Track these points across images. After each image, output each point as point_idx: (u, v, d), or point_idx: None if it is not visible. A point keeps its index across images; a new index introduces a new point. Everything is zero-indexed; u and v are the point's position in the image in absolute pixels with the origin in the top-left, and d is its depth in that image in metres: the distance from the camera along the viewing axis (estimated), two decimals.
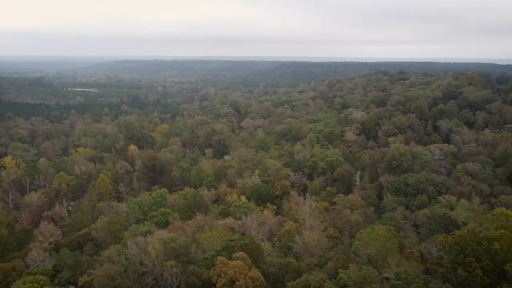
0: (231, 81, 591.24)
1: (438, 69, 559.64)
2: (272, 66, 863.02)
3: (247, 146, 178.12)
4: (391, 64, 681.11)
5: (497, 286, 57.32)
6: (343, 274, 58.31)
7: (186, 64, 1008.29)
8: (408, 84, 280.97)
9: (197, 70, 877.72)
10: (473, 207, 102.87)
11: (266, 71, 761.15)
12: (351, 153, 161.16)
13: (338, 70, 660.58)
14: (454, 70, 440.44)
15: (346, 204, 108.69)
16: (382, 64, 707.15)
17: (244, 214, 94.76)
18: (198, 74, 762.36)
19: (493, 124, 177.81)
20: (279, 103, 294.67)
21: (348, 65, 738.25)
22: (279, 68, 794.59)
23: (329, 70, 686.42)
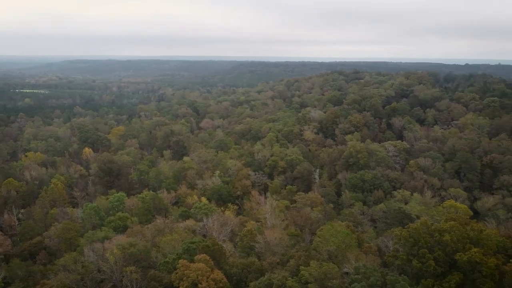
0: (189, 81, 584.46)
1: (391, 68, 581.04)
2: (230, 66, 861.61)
3: (207, 146, 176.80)
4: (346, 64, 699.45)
5: (448, 275, 60.31)
6: (305, 271, 59.21)
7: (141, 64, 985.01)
8: (362, 84, 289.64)
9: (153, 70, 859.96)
10: (426, 201, 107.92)
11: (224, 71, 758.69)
12: (310, 151, 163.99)
13: (295, 70, 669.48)
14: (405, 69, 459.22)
15: (306, 202, 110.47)
16: (338, 64, 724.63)
17: (205, 216, 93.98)
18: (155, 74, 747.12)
19: (442, 121, 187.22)
20: (238, 103, 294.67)
21: (305, 65, 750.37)
22: (237, 68, 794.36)
23: (287, 70, 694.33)
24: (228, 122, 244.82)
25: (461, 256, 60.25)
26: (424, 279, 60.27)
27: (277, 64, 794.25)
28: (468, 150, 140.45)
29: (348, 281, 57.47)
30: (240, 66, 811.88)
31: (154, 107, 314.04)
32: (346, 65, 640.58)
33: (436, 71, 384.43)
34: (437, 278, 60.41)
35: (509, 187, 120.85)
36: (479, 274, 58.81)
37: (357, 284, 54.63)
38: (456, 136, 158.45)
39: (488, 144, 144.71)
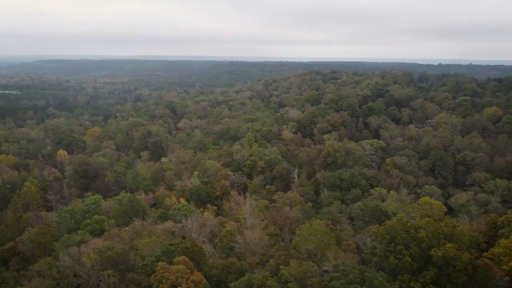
0: (166, 81, 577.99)
1: (367, 68, 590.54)
2: (208, 66, 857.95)
3: (185, 147, 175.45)
4: (323, 64, 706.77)
5: (424, 271, 61.73)
6: (285, 270, 59.47)
7: (117, 64, 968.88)
8: (339, 83, 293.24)
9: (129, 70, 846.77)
10: (402, 198, 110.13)
11: (202, 71, 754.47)
12: (289, 151, 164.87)
13: (273, 70, 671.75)
14: (381, 69, 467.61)
15: (285, 201, 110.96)
16: (315, 64, 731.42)
17: (184, 217, 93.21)
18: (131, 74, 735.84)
19: (416, 120, 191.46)
20: (216, 103, 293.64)
21: (283, 65, 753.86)
22: (215, 68, 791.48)
23: (265, 69, 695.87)
24: (207, 122, 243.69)
25: (436, 251, 61.80)
26: (401, 275, 61.50)
27: (255, 64, 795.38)
28: (441, 148, 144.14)
29: (327, 279, 58.06)
30: (218, 66, 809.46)
31: (131, 108, 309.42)
32: (323, 65, 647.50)
33: (411, 71, 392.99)
34: (414, 273, 61.75)
35: (481, 184, 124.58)
36: (453, 268, 60.44)
37: (336, 281, 55.25)
38: (430, 134, 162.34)
39: (461, 142, 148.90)
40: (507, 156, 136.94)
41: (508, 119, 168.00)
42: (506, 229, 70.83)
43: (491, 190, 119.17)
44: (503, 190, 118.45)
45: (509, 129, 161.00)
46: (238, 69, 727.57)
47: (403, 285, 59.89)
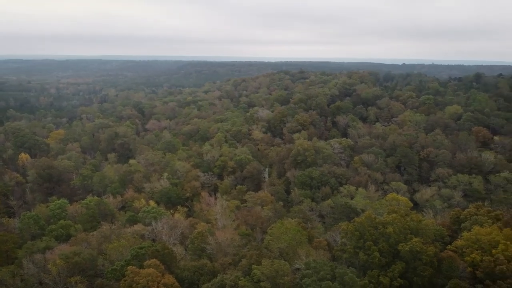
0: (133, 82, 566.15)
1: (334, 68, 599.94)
2: (176, 65, 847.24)
3: (154, 148, 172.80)
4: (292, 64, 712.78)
5: (392, 265, 63.38)
6: (257, 270, 59.56)
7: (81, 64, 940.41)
8: (308, 83, 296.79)
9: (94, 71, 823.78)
10: (370, 195, 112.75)
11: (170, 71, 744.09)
12: (259, 150, 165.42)
13: (242, 70, 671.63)
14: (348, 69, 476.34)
15: (256, 201, 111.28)
16: (283, 64, 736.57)
17: (154, 219, 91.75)
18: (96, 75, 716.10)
19: (382, 118, 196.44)
20: (185, 103, 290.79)
21: (252, 65, 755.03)
22: (183, 67, 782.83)
23: (234, 69, 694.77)
24: (175, 123, 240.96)
25: (403, 246, 63.57)
26: (370, 270, 62.85)
27: (224, 64, 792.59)
28: (407, 145, 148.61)
29: (299, 277, 58.57)
30: (186, 66, 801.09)
31: (97, 109, 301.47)
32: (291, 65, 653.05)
33: (376, 71, 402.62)
34: (382, 268, 63.25)
35: (444, 179, 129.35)
36: (420, 262, 62.33)
37: (308, 279, 55.83)
38: (396, 132, 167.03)
39: (425, 139, 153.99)
40: (468, 152, 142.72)
41: (468, 117, 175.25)
42: (468, 223, 73.70)
43: (454, 185, 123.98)
44: (464, 184, 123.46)
45: (469, 126, 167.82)
46: (206, 69, 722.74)
47: (372, 280, 61.21)
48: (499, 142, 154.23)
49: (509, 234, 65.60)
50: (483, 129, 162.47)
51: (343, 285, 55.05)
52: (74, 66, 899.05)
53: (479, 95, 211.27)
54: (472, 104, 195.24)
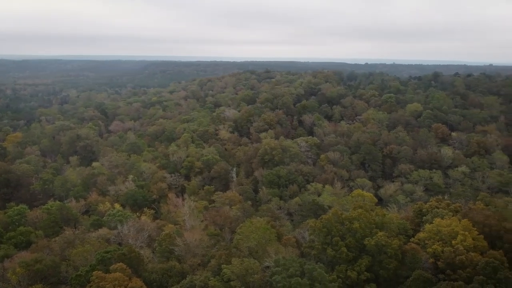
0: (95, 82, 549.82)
1: (299, 68, 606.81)
2: (140, 65, 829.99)
3: (118, 150, 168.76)
4: (257, 64, 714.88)
5: (359, 259, 64.88)
6: (227, 269, 59.38)
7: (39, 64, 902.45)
8: (274, 82, 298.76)
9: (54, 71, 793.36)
10: (336, 192, 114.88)
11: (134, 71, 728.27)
12: (226, 150, 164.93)
13: (208, 70, 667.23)
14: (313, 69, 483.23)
15: (224, 201, 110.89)
16: (249, 64, 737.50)
17: (120, 223, 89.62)
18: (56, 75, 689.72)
19: (347, 117, 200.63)
20: (150, 104, 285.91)
21: (217, 65, 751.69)
22: (147, 67, 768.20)
23: (199, 69, 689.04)
24: (140, 123, 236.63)
25: (369, 240, 65.24)
26: (338, 265, 64.10)
27: (189, 64, 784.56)
28: (371, 142, 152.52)
29: (269, 274, 58.85)
30: (150, 66, 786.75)
31: (57, 111, 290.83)
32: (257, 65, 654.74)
33: (340, 70, 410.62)
34: (350, 263, 64.64)
35: (406, 175, 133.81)
36: (385, 255, 64.16)
37: (278, 276, 56.21)
38: (360, 130, 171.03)
39: (387, 136, 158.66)
40: (428, 148, 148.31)
41: (427, 114, 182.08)
42: (430, 215, 76.57)
43: (415, 180, 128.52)
44: (425, 179, 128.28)
45: (429, 123, 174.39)
46: (171, 69, 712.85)
47: (340, 274, 62.44)
48: (456, 138, 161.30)
49: (467, 225, 68.68)
50: (442, 126, 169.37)
51: (312, 280, 55.78)
52: (32, 67, 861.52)
53: (437, 93, 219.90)
54: (431, 102, 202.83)
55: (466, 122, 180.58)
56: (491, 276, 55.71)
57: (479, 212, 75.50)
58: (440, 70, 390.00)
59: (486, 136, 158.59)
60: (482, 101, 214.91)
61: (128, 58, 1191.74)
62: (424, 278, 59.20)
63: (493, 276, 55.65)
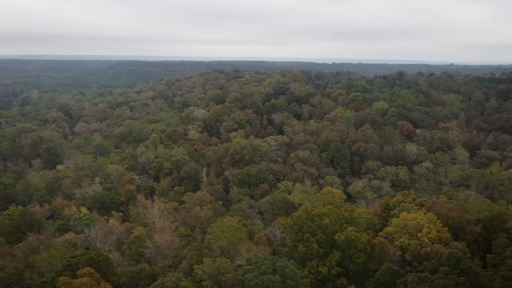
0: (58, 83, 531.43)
1: (268, 67, 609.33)
2: (105, 65, 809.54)
3: (84, 152, 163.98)
4: (226, 63, 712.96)
5: (329, 254, 65.88)
6: (198, 269, 58.88)
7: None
8: (243, 82, 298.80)
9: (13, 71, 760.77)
10: (306, 189, 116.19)
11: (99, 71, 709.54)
12: (196, 150, 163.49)
13: (176, 69, 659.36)
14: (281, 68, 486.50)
15: (195, 201, 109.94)
16: (217, 63, 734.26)
17: (87, 226, 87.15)
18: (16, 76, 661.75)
19: (316, 115, 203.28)
20: (116, 104, 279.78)
21: (185, 64, 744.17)
22: (112, 67, 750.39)
23: (167, 69, 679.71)
24: (107, 125, 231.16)
25: (339, 236, 66.38)
26: (309, 261, 64.84)
27: (156, 64, 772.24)
28: (339, 140, 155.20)
29: (241, 273, 58.78)
30: (116, 66, 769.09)
31: (18, 112, 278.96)
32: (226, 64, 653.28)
33: (308, 69, 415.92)
34: (321, 258, 65.55)
35: (374, 171, 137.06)
36: (355, 250, 65.48)
37: (250, 274, 56.22)
38: (329, 128, 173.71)
39: (355, 134, 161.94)
40: (394, 145, 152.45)
41: (393, 112, 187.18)
42: (397, 210, 78.75)
43: (382, 176, 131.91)
44: (392, 175, 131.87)
45: (394, 121, 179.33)
46: (138, 68, 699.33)
47: (312, 270, 63.21)
48: (420, 135, 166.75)
49: (432, 218, 71.15)
50: (407, 123, 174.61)
51: (284, 277, 56.15)
52: None
53: (402, 91, 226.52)
54: (396, 100, 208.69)
55: (429, 119, 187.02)
56: (455, 267, 57.85)
57: (443, 205, 78.42)
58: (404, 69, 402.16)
59: (448, 133, 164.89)
60: (444, 99, 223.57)
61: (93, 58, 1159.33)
62: (392, 270, 60.79)
63: (456, 267, 57.80)
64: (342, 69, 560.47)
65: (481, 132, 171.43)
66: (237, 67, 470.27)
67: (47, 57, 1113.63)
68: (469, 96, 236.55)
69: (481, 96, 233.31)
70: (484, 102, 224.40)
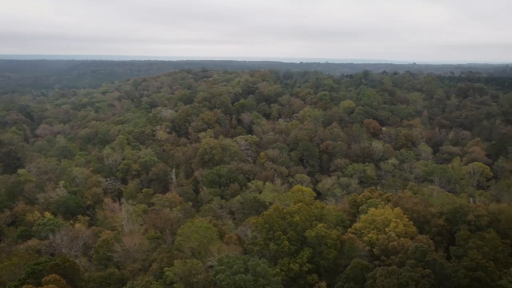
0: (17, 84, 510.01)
1: (236, 67, 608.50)
2: (68, 65, 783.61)
3: (47, 155, 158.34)
4: (193, 63, 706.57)
5: (300, 251, 66.50)
6: (169, 272, 57.99)
7: None
8: (211, 82, 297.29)
9: None
10: (277, 188, 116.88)
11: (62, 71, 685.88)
12: (164, 151, 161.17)
13: (142, 69, 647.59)
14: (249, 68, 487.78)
15: (164, 203, 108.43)
16: (185, 63, 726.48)
17: (51, 232, 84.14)
18: None
19: (285, 114, 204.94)
20: (81, 106, 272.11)
21: (152, 64, 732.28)
22: (76, 67, 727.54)
23: (133, 69, 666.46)
24: (71, 126, 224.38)
25: (310, 232, 67.11)
26: (281, 259, 65.19)
27: (122, 63, 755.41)
28: (308, 139, 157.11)
29: (213, 274, 58.36)
30: (80, 66, 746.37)
31: None
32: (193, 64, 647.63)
33: (277, 69, 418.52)
34: (292, 256, 66.05)
35: (342, 169, 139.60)
36: (325, 246, 66.36)
37: (222, 274, 55.90)
38: (298, 127, 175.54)
39: (323, 133, 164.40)
40: (361, 142, 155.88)
41: (359, 110, 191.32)
42: (365, 206, 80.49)
43: (351, 173, 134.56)
44: (359, 172, 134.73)
45: (361, 119, 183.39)
46: (103, 68, 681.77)
47: (283, 268, 63.59)
48: (386, 132, 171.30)
49: (399, 213, 73.15)
50: (373, 121, 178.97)
51: (256, 276, 56.17)
52: None
53: (368, 90, 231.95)
54: (362, 99, 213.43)
55: (394, 117, 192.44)
56: (420, 259, 59.71)
57: (408, 200, 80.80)
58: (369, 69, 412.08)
59: (412, 130, 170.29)
60: (408, 97, 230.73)
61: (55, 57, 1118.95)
62: (362, 265, 62.03)
63: (422, 259, 59.67)
64: (309, 68, 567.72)
65: (443, 129, 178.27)
66: (205, 66, 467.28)
67: (5, 56, 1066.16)
68: (431, 94, 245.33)
69: (442, 94, 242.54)
70: (445, 100, 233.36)
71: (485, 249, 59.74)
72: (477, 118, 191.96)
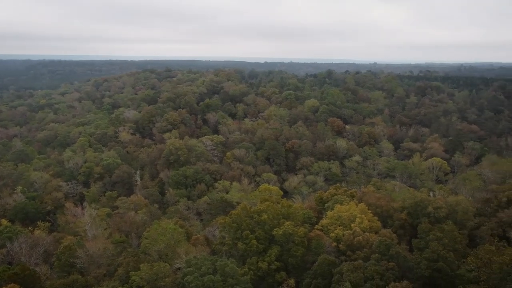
0: None
1: (200, 66, 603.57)
2: (24, 65, 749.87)
3: (2, 160, 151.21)
4: (157, 63, 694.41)
5: (268, 250, 66.81)
6: (135, 276, 56.72)
7: None
8: (175, 81, 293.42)
9: None
10: (244, 188, 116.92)
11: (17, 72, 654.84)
12: (128, 153, 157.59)
13: (103, 69, 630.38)
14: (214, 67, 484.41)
15: (129, 206, 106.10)
16: (148, 63, 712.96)
17: (9, 240, 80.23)
18: None
19: (250, 114, 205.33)
20: (38, 107, 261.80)
21: (113, 64, 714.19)
22: (32, 67, 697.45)
23: (93, 69, 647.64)
24: (28, 129, 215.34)
25: (277, 231, 67.55)
26: (249, 258, 65.22)
27: (82, 63, 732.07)
28: (274, 138, 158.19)
29: (181, 276, 57.59)
30: (36, 66, 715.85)
31: None
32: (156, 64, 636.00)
33: (241, 69, 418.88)
34: (260, 254, 66.22)
35: (308, 167, 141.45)
36: (293, 243, 67.01)
37: (190, 276, 55.26)
38: (263, 127, 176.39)
39: (289, 132, 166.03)
40: (326, 141, 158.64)
41: (324, 109, 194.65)
42: (331, 203, 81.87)
43: (316, 171, 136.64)
44: (325, 170, 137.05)
45: (325, 118, 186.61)
46: (61, 69, 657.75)
47: (251, 267, 63.64)
48: (350, 130, 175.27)
49: (363, 208, 74.95)
50: (337, 120, 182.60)
51: (224, 276, 55.91)
52: None
53: (331, 89, 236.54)
54: (326, 98, 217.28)
55: (357, 115, 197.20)
56: (384, 253, 61.41)
57: (372, 196, 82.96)
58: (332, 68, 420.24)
59: (374, 127, 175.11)
60: (370, 95, 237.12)
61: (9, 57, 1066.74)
62: (329, 261, 63.06)
63: (386, 253, 61.40)
64: (274, 68, 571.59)
65: (403, 126, 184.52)
66: (168, 66, 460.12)
67: None
68: (391, 93, 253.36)
69: (402, 92, 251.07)
70: (405, 98, 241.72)
71: (444, 241, 62.17)
72: (435, 115, 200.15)
